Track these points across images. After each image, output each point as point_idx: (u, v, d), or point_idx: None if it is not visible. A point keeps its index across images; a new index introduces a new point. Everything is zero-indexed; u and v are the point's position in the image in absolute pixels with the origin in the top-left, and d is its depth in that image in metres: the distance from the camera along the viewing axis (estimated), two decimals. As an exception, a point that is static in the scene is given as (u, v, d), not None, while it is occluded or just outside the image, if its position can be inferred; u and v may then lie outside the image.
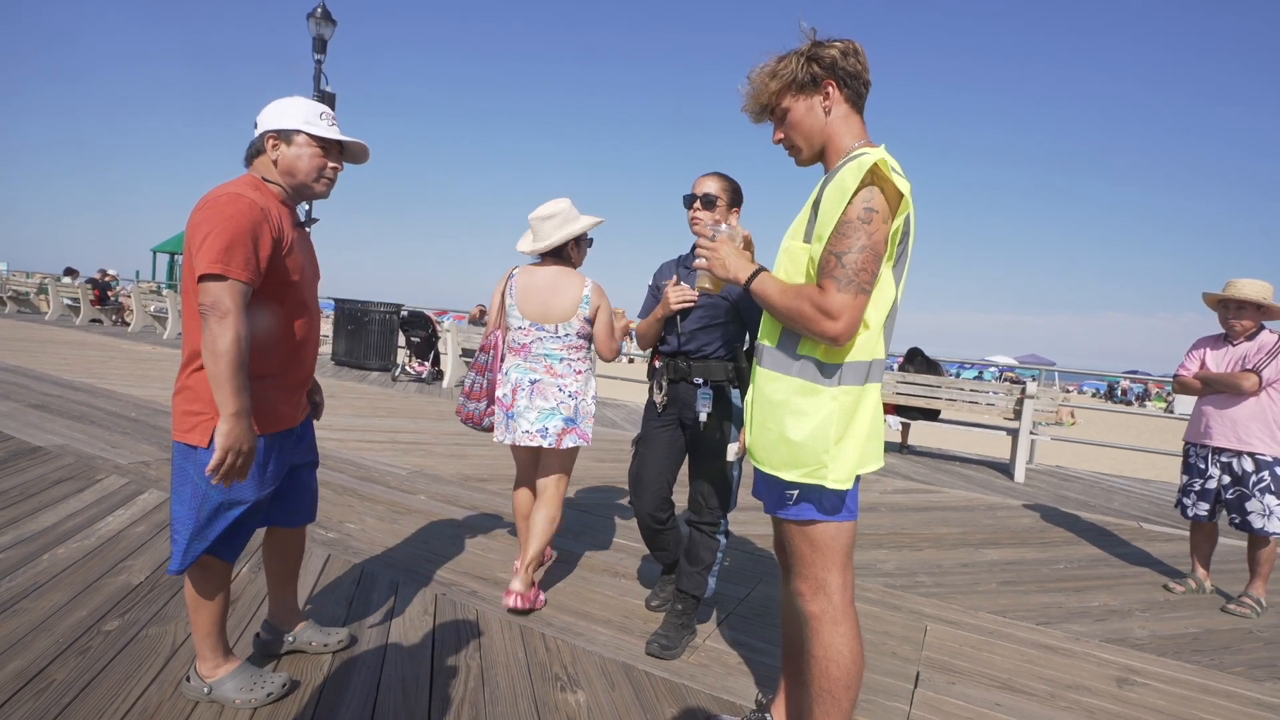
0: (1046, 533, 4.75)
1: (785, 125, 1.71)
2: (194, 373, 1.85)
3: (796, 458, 1.61)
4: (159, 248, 22.36)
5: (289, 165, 1.95)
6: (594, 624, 2.77)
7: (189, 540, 1.87)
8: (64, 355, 9.85)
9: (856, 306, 1.51)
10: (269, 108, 1.97)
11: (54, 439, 4.93)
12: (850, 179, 1.51)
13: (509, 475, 5.11)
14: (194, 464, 1.86)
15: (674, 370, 2.65)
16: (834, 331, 1.51)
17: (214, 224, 1.75)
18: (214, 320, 1.72)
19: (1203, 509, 3.64)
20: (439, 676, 2.29)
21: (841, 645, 1.66)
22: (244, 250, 1.76)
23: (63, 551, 3.02)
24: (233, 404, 1.73)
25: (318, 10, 12.24)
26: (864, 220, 1.51)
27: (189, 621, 2.10)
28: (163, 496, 3.84)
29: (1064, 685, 2.58)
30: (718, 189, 2.56)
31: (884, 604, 3.23)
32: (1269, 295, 3.44)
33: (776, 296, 1.62)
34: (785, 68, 1.65)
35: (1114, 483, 6.91)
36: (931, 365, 7.75)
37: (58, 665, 2.15)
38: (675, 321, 2.62)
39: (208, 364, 1.74)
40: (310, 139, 1.95)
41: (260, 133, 1.95)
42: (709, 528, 2.64)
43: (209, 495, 1.86)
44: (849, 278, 1.50)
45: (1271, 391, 3.44)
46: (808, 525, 1.67)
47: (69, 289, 16.90)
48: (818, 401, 1.60)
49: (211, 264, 1.72)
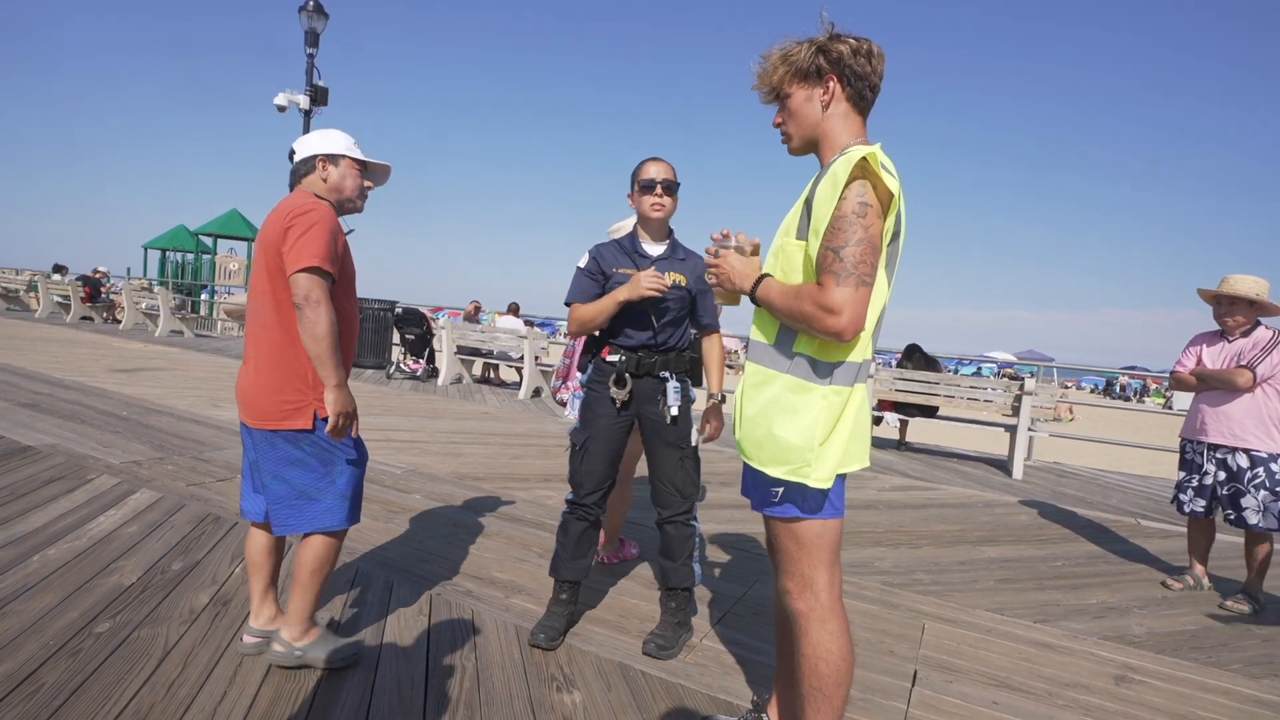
0: (1044, 529, 4.75)
1: (785, 111, 1.71)
2: (280, 367, 2.11)
3: (782, 454, 1.62)
4: (151, 244, 22.20)
5: (336, 184, 2.25)
6: (590, 623, 2.75)
7: (324, 510, 2.18)
8: (54, 353, 9.79)
9: (859, 299, 1.50)
10: (312, 136, 2.28)
11: (44, 438, 4.89)
12: (841, 173, 1.51)
13: (505, 474, 5.09)
14: (307, 443, 2.15)
15: (639, 365, 2.58)
16: (838, 327, 1.50)
17: (305, 227, 2.05)
18: (309, 309, 2.03)
19: (1199, 505, 3.64)
20: (434, 677, 2.27)
21: (830, 643, 1.66)
22: (330, 249, 2.07)
23: (53, 552, 2.98)
24: (334, 376, 2.08)
25: (309, 4, 12.16)
26: (859, 214, 1.50)
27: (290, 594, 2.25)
28: (155, 496, 3.81)
29: (1062, 683, 2.57)
30: (674, 175, 2.53)
31: (881, 602, 3.22)
32: (1263, 291, 3.43)
33: (778, 300, 1.61)
34: (795, 53, 1.64)
35: (1112, 479, 6.92)
36: (930, 361, 7.73)
37: (48, 668, 2.13)
38: (648, 315, 2.54)
39: (310, 346, 2.05)
40: (353, 162, 2.28)
41: (309, 156, 2.24)
42: (684, 518, 2.62)
43: (330, 466, 2.18)
44: (848, 271, 1.49)
45: (1266, 388, 3.44)
46: (793, 523, 1.68)
47: (59, 286, 16.79)
48: (809, 400, 1.61)
49: (308, 259, 2.02)
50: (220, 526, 3.45)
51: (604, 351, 2.61)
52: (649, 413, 2.60)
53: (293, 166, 2.28)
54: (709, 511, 4.49)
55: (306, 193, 2.20)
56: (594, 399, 2.61)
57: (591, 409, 2.61)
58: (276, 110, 12.45)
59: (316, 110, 12.60)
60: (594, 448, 2.58)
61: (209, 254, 21.89)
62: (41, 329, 13.44)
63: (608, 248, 2.63)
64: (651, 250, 2.59)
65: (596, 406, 2.60)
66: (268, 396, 2.12)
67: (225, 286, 20.87)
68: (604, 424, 2.58)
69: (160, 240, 22.11)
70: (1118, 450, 12.73)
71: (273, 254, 2.08)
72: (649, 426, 2.61)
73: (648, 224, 2.58)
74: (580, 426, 2.63)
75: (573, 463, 2.63)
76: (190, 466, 4.51)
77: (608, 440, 2.58)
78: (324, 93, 12.62)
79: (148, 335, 13.90)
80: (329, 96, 12.67)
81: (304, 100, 12.41)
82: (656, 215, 2.53)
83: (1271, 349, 3.39)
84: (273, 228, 2.09)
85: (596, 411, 2.60)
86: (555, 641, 2.53)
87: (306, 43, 12.39)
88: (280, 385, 2.11)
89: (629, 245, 2.60)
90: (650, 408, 2.59)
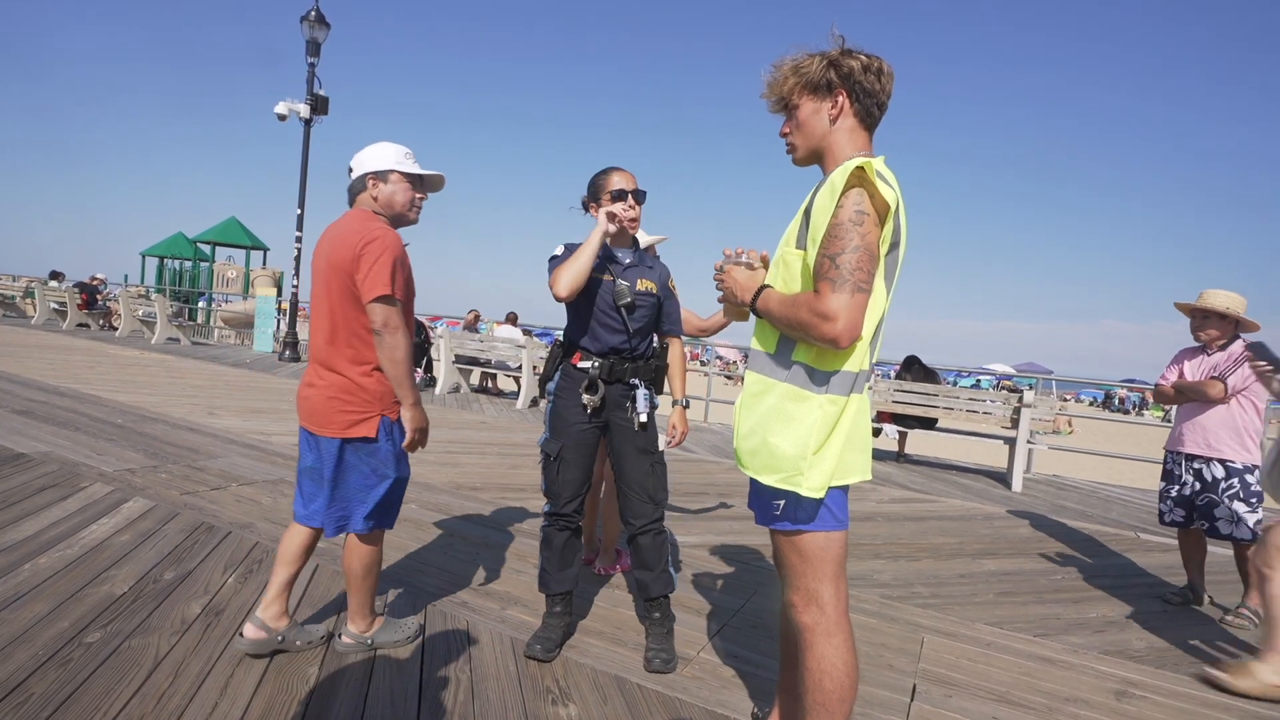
0: (1044, 543, 4.73)
1: (792, 121, 1.71)
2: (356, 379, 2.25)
3: (775, 462, 1.62)
4: (149, 251, 22.21)
5: (387, 200, 2.32)
6: (586, 635, 2.72)
7: (376, 513, 2.34)
8: (50, 360, 9.75)
9: (854, 306, 1.50)
10: (364, 153, 2.33)
11: (38, 446, 4.86)
12: (838, 181, 1.52)
13: (501, 484, 5.07)
14: (366, 453, 2.29)
15: (610, 371, 2.56)
16: (834, 333, 1.49)
17: (375, 255, 2.16)
18: (388, 335, 2.19)
19: (1179, 515, 3.66)
20: (428, 689, 2.25)
21: (835, 657, 1.64)
22: (400, 276, 2.21)
23: (44, 561, 2.95)
24: (410, 395, 2.29)
25: (311, 13, 12.22)
26: (855, 222, 1.51)
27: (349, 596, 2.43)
28: (148, 505, 3.78)
29: (1062, 698, 2.55)
30: (636, 182, 2.55)
31: (880, 615, 3.19)
32: (1234, 305, 3.47)
33: (777, 309, 1.62)
34: (806, 66, 1.65)
35: (1112, 492, 6.90)
36: (929, 373, 7.73)
37: (37, 678, 2.10)
38: (624, 320, 2.54)
39: (388, 369, 2.23)
40: (402, 176, 2.32)
41: (360, 175, 2.31)
42: (655, 526, 2.60)
43: (386, 475, 2.33)
44: (844, 278, 1.49)
45: (1241, 400, 3.47)
46: (795, 536, 1.67)
47: (55, 293, 16.76)
48: (805, 408, 1.61)
49: (382, 288, 2.15)
50: (213, 536, 3.42)
51: (575, 358, 2.60)
52: (618, 419, 2.59)
53: (349, 184, 2.36)
54: (707, 523, 4.47)
55: (365, 213, 2.29)
56: (563, 407, 2.59)
57: (562, 417, 2.58)
58: (277, 119, 12.49)
59: (317, 119, 12.64)
60: (569, 456, 2.56)
61: (207, 261, 21.90)
62: (37, 336, 13.40)
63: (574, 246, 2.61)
64: (622, 258, 2.60)
65: (567, 415, 2.57)
66: (333, 407, 2.25)
67: (223, 294, 20.86)
68: (576, 431, 2.56)
69: (158, 248, 22.12)
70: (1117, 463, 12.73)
71: (344, 278, 2.19)
72: (618, 433, 2.60)
73: (620, 233, 2.58)
74: (551, 436, 2.60)
75: (548, 474, 2.60)
76: (184, 475, 4.48)
77: (581, 448, 2.57)
78: (324, 101, 12.66)
79: (144, 342, 13.87)
80: (330, 105, 12.72)
81: (304, 109, 12.45)
82: (630, 226, 2.55)
83: (1243, 361, 3.42)
84: (344, 251, 2.18)
85: (567, 420, 2.57)
86: (551, 653, 2.50)
87: (308, 52, 12.45)
88: (345, 397, 2.25)
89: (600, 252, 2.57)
90: (619, 414, 2.59)
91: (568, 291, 2.41)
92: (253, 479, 4.54)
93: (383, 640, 2.47)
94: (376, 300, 2.15)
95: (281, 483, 4.52)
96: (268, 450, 5.45)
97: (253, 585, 2.89)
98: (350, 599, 2.43)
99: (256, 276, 19.56)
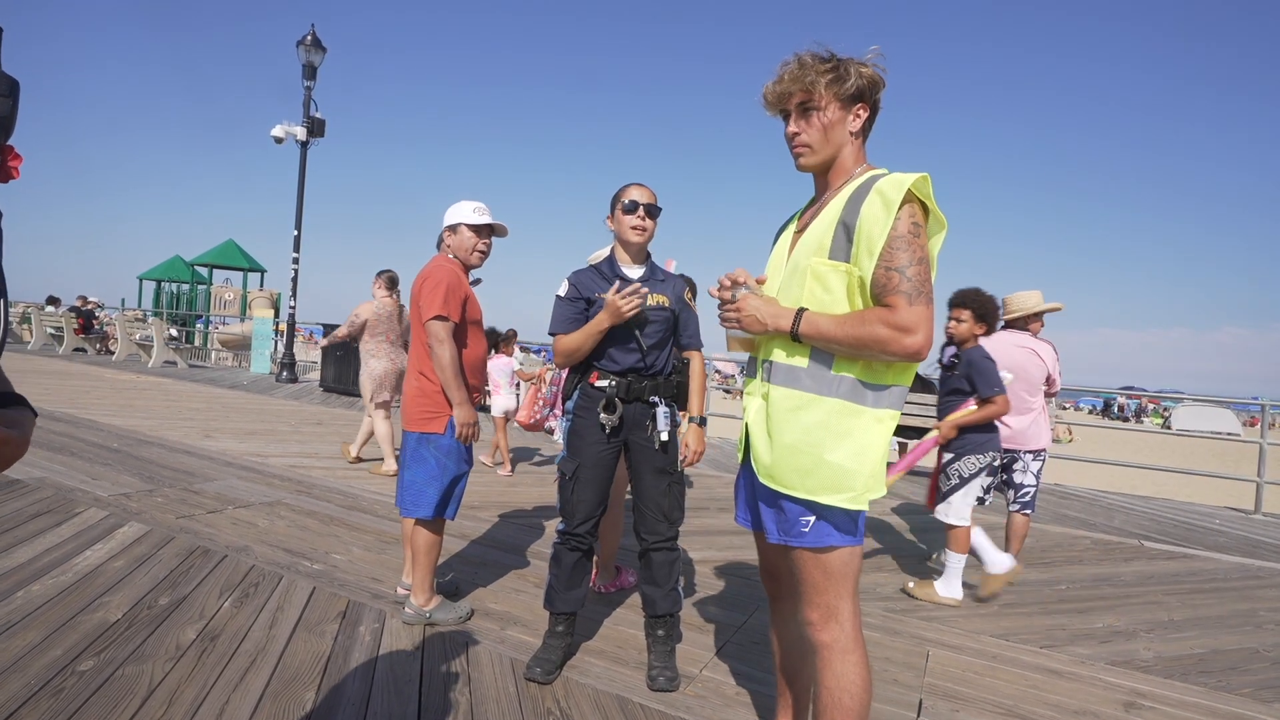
0: (1048, 552, 4.69)
1: (810, 123, 1.65)
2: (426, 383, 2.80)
3: (836, 480, 1.57)
4: (146, 275, 22.22)
5: (457, 247, 2.92)
6: (587, 655, 2.69)
7: (438, 501, 2.79)
8: (46, 385, 9.72)
9: (929, 317, 1.50)
10: (449, 211, 2.93)
11: (33, 471, 4.82)
12: (893, 194, 1.51)
13: (500, 503, 5.04)
14: (434, 446, 2.79)
15: (628, 390, 2.53)
16: (915, 346, 1.48)
17: (431, 286, 2.75)
18: (437, 346, 2.72)
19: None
20: (427, 713, 2.21)
21: (854, 675, 1.62)
22: (453, 299, 2.76)
23: (38, 588, 2.92)
24: (458, 395, 2.75)
25: (307, 37, 12.32)
26: (914, 234, 1.52)
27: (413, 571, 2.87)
28: (144, 530, 3.74)
29: (1070, 710, 2.51)
30: (655, 200, 2.53)
31: (884, 629, 3.16)
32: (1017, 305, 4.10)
33: (835, 330, 1.54)
34: (845, 72, 1.61)
35: (1114, 500, 6.87)
36: (927, 384, 7.72)
37: (29, 708, 2.06)
38: (637, 338, 2.51)
39: (439, 373, 2.75)
40: (468, 228, 2.90)
41: (442, 229, 2.95)
42: (669, 543, 2.57)
43: (448, 467, 2.81)
44: (916, 289, 1.49)
45: None
46: (824, 552, 1.62)
47: (52, 318, 16.74)
48: (860, 423, 1.58)
49: (432, 310, 2.72)
50: (209, 559, 3.38)
51: (592, 377, 2.55)
52: (637, 438, 2.56)
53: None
54: (708, 538, 4.43)
55: (440, 256, 2.93)
56: (582, 426, 2.54)
57: (580, 436, 2.54)
58: (274, 141, 12.54)
59: (313, 141, 12.70)
60: (585, 476, 2.52)
61: (204, 284, 21.89)
62: (34, 361, 13.37)
63: (585, 273, 2.59)
64: (631, 273, 2.57)
65: (585, 434, 2.53)
66: (414, 405, 2.82)
67: (220, 316, 20.84)
68: (594, 451, 2.52)
69: (156, 271, 22.12)
70: (1118, 471, 12.68)
71: (417, 305, 2.79)
72: (637, 452, 2.57)
73: (627, 246, 2.56)
74: (568, 455, 2.57)
75: (563, 493, 2.56)
76: (180, 498, 4.45)
77: (598, 468, 2.52)
78: (321, 124, 12.72)
79: (141, 366, 13.84)
80: (326, 128, 12.78)
81: (301, 132, 12.51)
82: (637, 239, 2.52)
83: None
84: (416, 285, 2.83)
85: (586, 439, 2.53)
86: (551, 675, 2.47)
87: (304, 75, 12.53)
88: (421, 399, 2.80)
89: (607, 269, 2.57)
90: (639, 433, 2.55)
91: (566, 362, 2.56)
92: (249, 501, 4.51)
93: (439, 618, 2.84)
94: (430, 320, 2.72)
95: (278, 505, 4.48)
96: (264, 472, 5.41)
97: (248, 609, 2.86)
98: (414, 575, 2.85)
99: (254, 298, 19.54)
